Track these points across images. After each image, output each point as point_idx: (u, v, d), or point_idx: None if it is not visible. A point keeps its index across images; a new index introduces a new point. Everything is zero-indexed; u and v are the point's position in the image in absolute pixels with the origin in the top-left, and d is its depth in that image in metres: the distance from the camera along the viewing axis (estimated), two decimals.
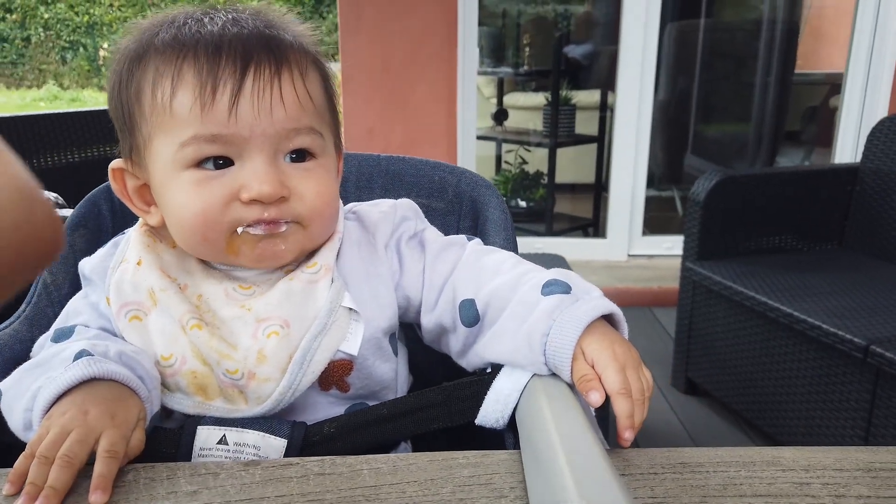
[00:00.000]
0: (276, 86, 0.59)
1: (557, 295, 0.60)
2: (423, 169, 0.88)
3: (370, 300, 0.67)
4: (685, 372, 2.15)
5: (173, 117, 0.59)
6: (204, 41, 0.60)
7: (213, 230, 0.61)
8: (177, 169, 0.61)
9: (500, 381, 0.59)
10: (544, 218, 3.55)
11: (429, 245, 0.72)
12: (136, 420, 0.55)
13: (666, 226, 3.52)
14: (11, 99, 8.90)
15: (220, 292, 0.65)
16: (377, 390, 0.68)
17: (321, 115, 0.65)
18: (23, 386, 0.57)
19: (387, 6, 2.77)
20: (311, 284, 0.65)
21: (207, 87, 0.58)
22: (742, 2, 4.30)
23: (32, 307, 0.72)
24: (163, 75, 0.60)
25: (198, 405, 0.62)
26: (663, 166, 3.84)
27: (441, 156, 2.92)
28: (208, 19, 0.62)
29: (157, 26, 0.63)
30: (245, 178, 0.60)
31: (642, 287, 2.89)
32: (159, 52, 0.60)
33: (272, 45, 0.61)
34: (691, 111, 3.85)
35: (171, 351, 0.62)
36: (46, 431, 0.51)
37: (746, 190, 2.08)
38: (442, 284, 0.69)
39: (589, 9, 4.22)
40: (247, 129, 0.59)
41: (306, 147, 0.63)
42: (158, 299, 0.63)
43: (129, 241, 0.68)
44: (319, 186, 0.63)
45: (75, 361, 0.56)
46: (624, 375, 0.54)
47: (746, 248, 2.10)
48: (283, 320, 0.63)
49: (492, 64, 3.98)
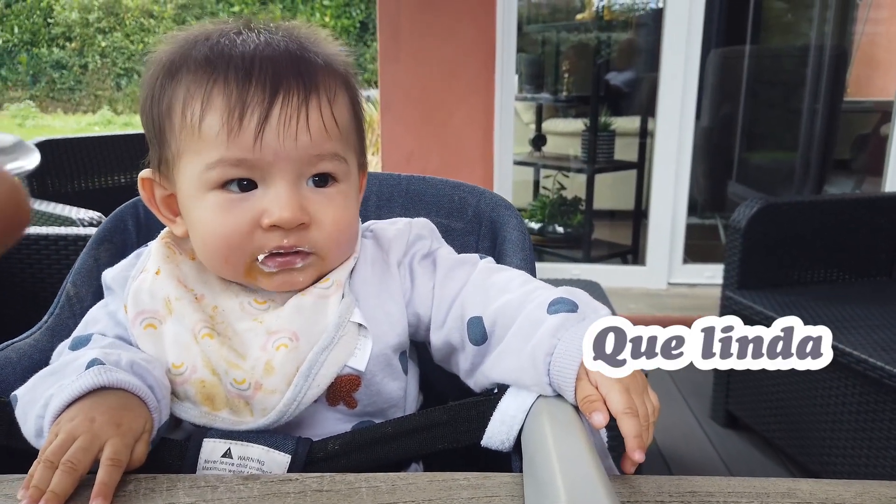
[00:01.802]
0: (304, 113, 0.60)
1: (563, 313, 0.59)
2: (443, 189, 0.87)
3: (380, 317, 0.67)
4: (725, 405, 2.08)
5: (201, 139, 0.61)
6: (235, 64, 0.60)
7: (235, 255, 0.63)
8: (202, 189, 0.62)
9: (506, 402, 0.57)
10: (582, 244, 3.51)
11: (440, 263, 0.72)
12: (142, 429, 0.55)
13: (708, 254, 3.43)
14: (68, 123, 9.29)
15: (236, 306, 0.66)
16: (385, 408, 0.67)
17: (346, 139, 0.65)
18: (37, 393, 0.58)
19: (426, 34, 2.81)
20: (322, 299, 0.65)
21: (235, 113, 0.59)
22: (789, 28, 4.23)
23: (55, 318, 0.73)
24: (193, 96, 0.61)
25: (204, 415, 0.62)
26: (706, 193, 3.77)
27: (478, 180, 2.92)
28: (241, 39, 0.62)
29: (192, 41, 0.63)
30: (267, 203, 0.61)
31: (682, 316, 2.82)
32: (191, 70, 0.62)
33: (302, 70, 0.61)
34: (736, 138, 3.78)
35: (182, 359, 0.63)
36: (55, 437, 0.52)
37: (790, 218, 2.02)
38: (451, 302, 0.69)
39: (632, 36, 4.21)
40: (271, 155, 0.60)
41: (329, 172, 0.64)
42: (174, 308, 0.65)
43: (150, 252, 0.70)
44: (337, 214, 0.64)
45: (87, 370, 0.57)
46: (629, 396, 0.52)
47: (790, 278, 2.04)
48: (293, 333, 0.63)
49: (531, 90, 3.98)
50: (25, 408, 0.58)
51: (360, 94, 0.69)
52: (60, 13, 10.11)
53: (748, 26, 3.77)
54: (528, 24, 3.99)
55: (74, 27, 10.09)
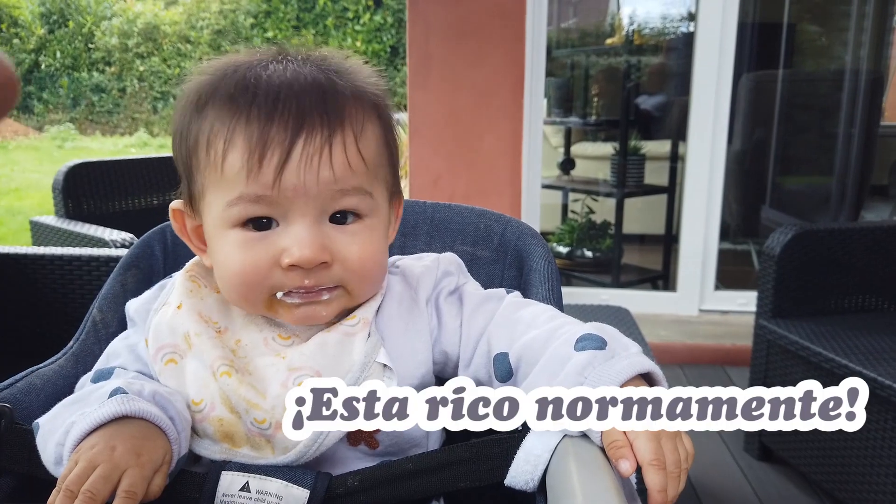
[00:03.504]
0: (327, 151, 0.59)
1: (590, 351, 0.57)
2: (469, 217, 0.86)
3: (406, 356, 0.66)
4: (759, 437, 2.02)
5: (223, 176, 0.60)
6: (258, 102, 0.59)
7: (253, 293, 0.62)
8: (224, 226, 0.62)
9: (531, 441, 0.55)
10: (611, 269, 3.47)
11: (467, 299, 0.70)
12: (161, 460, 0.55)
13: (741, 281, 3.37)
14: (105, 145, 9.52)
15: (260, 340, 0.65)
16: (407, 448, 0.66)
17: (373, 172, 0.64)
18: (59, 421, 0.58)
19: (455, 58, 2.83)
20: (348, 337, 0.64)
21: (255, 154, 0.58)
22: (823, 52, 4.17)
23: (80, 344, 0.73)
24: (217, 135, 0.60)
25: (224, 451, 0.61)
26: (739, 218, 3.71)
27: (506, 204, 2.91)
28: (267, 74, 0.61)
29: (221, 74, 0.63)
30: (287, 241, 0.60)
31: (714, 344, 2.76)
32: (216, 106, 0.61)
33: (328, 104, 0.60)
34: (769, 163, 3.72)
35: (202, 396, 0.62)
36: (75, 464, 0.52)
37: (826, 244, 1.97)
38: (478, 338, 0.67)
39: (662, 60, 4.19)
40: (291, 192, 0.59)
41: (352, 208, 0.62)
42: (193, 344, 0.64)
43: (173, 285, 0.70)
44: (363, 250, 0.62)
45: (110, 398, 0.57)
46: (657, 444, 0.50)
47: (826, 306, 1.98)
48: (316, 371, 0.62)
49: (560, 114, 3.98)
50: (46, 435, 0.58)
51: (392, 122, 0.68)
52: (101, 39, 10.42)
53: (781, 50, 3.73)
54: (557, 49, 3.99)
55: (114, 52, 10.39)
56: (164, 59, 10.39)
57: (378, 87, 0.66)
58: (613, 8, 4.26)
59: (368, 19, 9.92)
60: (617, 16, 4.26)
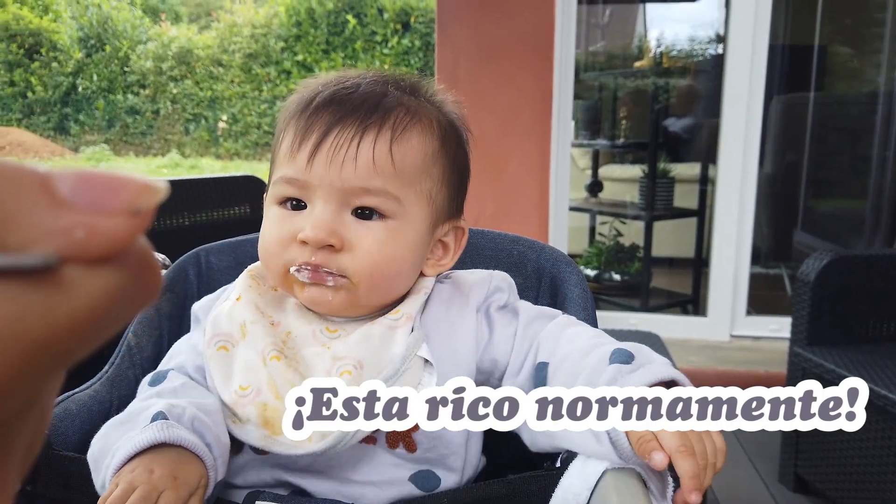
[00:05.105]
0: (355, 145, 0.64)
1: (616, 364, 0.58)
2: (503, 243, 0.86)
3: (448, 356, 0.67)
4: (794, 467, 1.96)
5: (278, 159, 0.69)
6: (319, 100, 0.66)
7: (272, 261, 0.67)
8: (270, 203, 0.69)
9: (570, 478, 0.54)
10: (639, 293, 3.42)
11: (522, 312, 0.72)
12: (196, 484, 0.57)
13: (773, 306, 3.30)
14: (139, 166, 9.72)
15: (309, 333, 0.68)
16: (445, 454, 0.66)
17: (406, 178, 0.66)
18: (109, 440, 0.60)
19: (483, 81, 2.84)
20: (391, 330, 0.66)
21: (298, 139, 0.66)
22: (855, 74, 4.12)
23: (115, 368, 0.74)
24: (286, 125, 0.69)
25: (265, 438, 0.62)
26: (770, 242, 3.65)
27: (533, 226, 2.90)
28: (339, 85, 0.68)
29: (313, 85, 0.70)
30: (307, 221, 0.64)
31: (746, 371, 2.70)
32: (292, 108, 0.69)
33: (373, 107, 0.65)
34: (801, 186, 3.67)
35: (249, 381, 0.64)
36: (115, 486, 0.54)
37: (863, 271, 1.92)
38: (528, 349, 0.69)
39: (691, 82, 4.17)
40: (317, 179, 0.65)
41: (373, 206, 0.65)
42: (248, 331, 0.67)
43: (235, 284, 0.74)
44: (375, 246, 0.65)
45: (151, 423, 0.59)
46: (682, 433, 0.50)
47: (863, 334, 1.93)
48: (358, 361, 0.64)
49: (587, 136, 3.97)
50: (98, 456, 0.60)
51: (459, 149, 0.72)
52: (136, 62, 10.68)
53: (812, 73, 3.69)
54: (585, 72, 4.00)
55: (148, 75, 10.64)
56: (197, 82, 10.61)
57: (449, 112, 0.71)
58: (641, 31, 4.26)
59: (396, 43, 10.04)
60: (645, 39, 4.26)
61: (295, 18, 10.41)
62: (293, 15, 10.42)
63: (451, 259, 0.73)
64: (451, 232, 0.73)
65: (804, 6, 3.82)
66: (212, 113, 10.57)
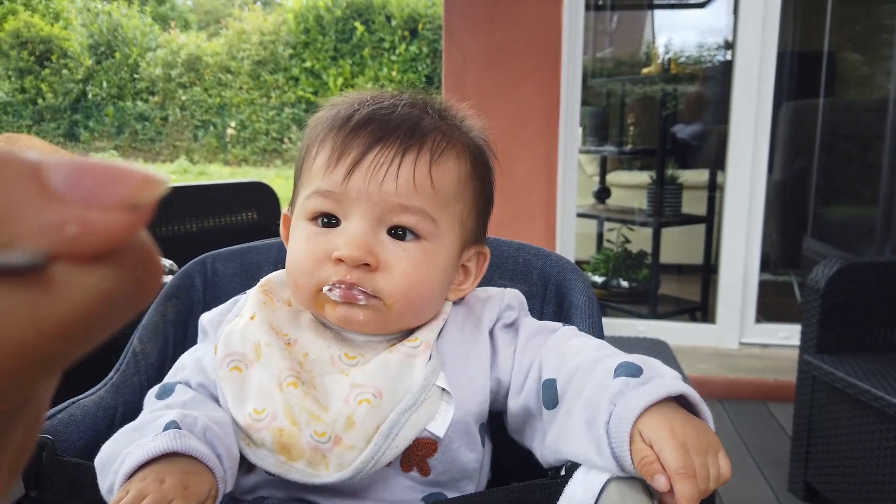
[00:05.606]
0: (396, 162, 0.63)
1: (623, 378, 0.57)
2: (508, 250, 0.85)
3: (464, 382, 0.66)
4: (804, 476, 1.94)
5: (311, 172, 0.67)
6: (358, 118, 0.66)
7: (304, 280, 0.65)
8: (300, 218, 0.67)
9: (573, 487, 0.54)
10: (647, 300, 3.41)
11: (522, 329, 0.71)
12: (206, 494, 0.56)
13: (783, 313, 3.28)
14: None
15: (327, 358, 0.67)
16: (458, 478, 0.66)
17: (443, 200, 0.66)
18: (117, 447, 0.60)
19: (491, 87, 2.84)
20: (409, 358, 0.65)
21: (335, 154, 0.65)
22: (865, 81, 4.10)
23: (120, 375, 0.74)
24: (316, 140, 0.68)
25: (280, 464, 0.62)
26: (779, 249, 3.62)
27: (540, 233, 2.89)
28: (376, 105, 0.67)
29: (339, 103, 0.70)
30: (341, 238, 0.63)
31: (756, 378, 2.68)
32: (326, 124, 0.68)
33: (413, 127, 0.65)
34: (810, 193, 3.65)
35: (264, 405, 0.63)
36: (125, 494, 0.54)
37: (873, 278, 1.90)
38: (529, 366, 0.68)
39: (699, 88, 4.16)
40: (355, 193, 0.64)
41: (410, 226, 0.65)
42: (263, 353, 0.66)
43: (247, 299, 0.72)
44: (410, 268, 0.64)
45: (163, 432, 0.59)
46: (685, 453, 0.49)
47: (874, 342, 1.91)
48: (377, 389, 0.63)
49: (595, 142, 3.96)
50: (106, 461, 0.60)
51: (487, 175, 0.73)
52: (146, 69, 10.76)
53: (821, 79, 3.67)
54: (593, 78, 3.99)
55: (158, 82, 10.72)
56: (206, 89, 10.68)
57: (479, 137, 0.72)
58: (649, 37, 4.25)
59: (404, 49, 10.07)
60: (652, 45, 4.25)
61: (303, 25, 10.47)
62: (301, 22, 10.48)
63: (472, 284, 0.73)
64: (474, 257, 0.72)
65: (813, 13, 3.80)
66: (220, 119, 10.63)
